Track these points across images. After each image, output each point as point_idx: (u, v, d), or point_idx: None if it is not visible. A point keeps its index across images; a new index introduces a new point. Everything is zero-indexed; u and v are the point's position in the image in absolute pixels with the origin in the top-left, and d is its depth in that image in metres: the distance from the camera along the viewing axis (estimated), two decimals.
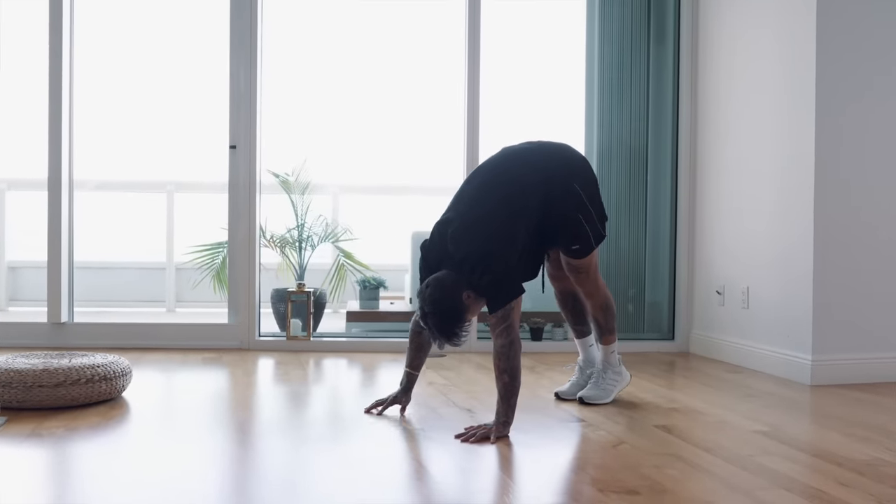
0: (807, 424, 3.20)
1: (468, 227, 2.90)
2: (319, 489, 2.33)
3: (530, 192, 3.01)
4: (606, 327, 3.41)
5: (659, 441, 2.84)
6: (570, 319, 3.53)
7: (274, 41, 5.13)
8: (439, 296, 2.80)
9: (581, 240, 3.16)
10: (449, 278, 2.84)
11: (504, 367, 2.90)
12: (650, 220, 5.19)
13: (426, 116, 5.60)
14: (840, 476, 2.45)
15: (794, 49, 4.07)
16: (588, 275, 3.29)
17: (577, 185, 3.12)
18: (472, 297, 2.85)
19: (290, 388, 3.84)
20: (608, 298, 3.39)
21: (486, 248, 2.85)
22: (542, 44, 5.46)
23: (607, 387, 3.44)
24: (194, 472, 2.48)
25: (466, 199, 3.00)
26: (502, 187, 2.99)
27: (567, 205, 3.09)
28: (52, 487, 2.38)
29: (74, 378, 3.22)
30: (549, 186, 3.06)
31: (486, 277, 2.83)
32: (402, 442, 2.85)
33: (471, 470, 2.55)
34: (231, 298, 4.90)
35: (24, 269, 7.06)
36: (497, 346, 2.92)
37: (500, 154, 3.19)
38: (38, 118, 4.79)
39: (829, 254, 3.94)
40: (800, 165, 4.01)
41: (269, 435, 2.93)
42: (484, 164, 3.18)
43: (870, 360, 3.99)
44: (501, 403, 2.91)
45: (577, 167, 3.21)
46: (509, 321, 2.90)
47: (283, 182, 5.37)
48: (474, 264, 2.83)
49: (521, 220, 2.96)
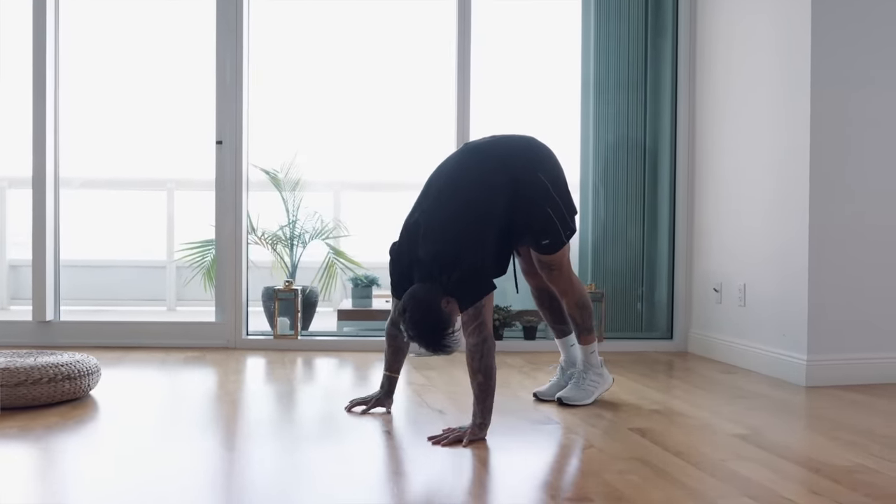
0: (791, 428, 3.06)
1: (436, 230, 2.80)
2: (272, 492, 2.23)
3: (497, 191, 2.89)
4: (584, 326, 3.28)
5: (630, 445, 2.71)
6: (548, 318, 3.41)
7: (264, 36, 5.05)
8: (419, 316, 2.71)
9: (550, 234, 3.04)
10: (422, 291, 2.75)
11: (477, 367, 2.79)
12: (648, 217, 5.05)
13: (418, 112, 5.47)
14: (814, 483, 2.32)
15: (791, 44, 3.92)
16: (561, 272, 3.17)
17: (543, 178, 3.00)
18: (451, 301, 2.75)
19: (265, 387, 3.76)
20: (583, 296, 3.26)
21: (454, 251, 2.76)
22: (536, 36, 5.33)
23: (588, 387, 3.31)
24: (145, 474, 2.39)
25: (432, 200, 2.89)
26: (468, 188, 2.87)
27: (534, 198, 2.97)
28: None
29: (36, 377, 3.15)
30: (516, 183, 2.93)
31: (455, 275, 2.73)
32: (363, 442, 2.74)
33: (424, 474, 2.44)
34: (218, 296, 4.82)
35: (25, 267, 7.03)
36: (469, 344, 2.81)
37: (464, 150, 3.07)
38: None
39: (826, 250, 3.79)
40: (796, 161, 3.86)
41: (227, 436, 2.84)
42: (448, 160, 3.05)
43: (867, 361, 3.83)
44: (476, 405, 2.80)
45: (543, 159, 3.07)
46: (481, 318, 2.79)
47: (272, 178, 5.28)
48: (443, 266, 2.74)
49: (490, 222, 2.85)
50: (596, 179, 5.08)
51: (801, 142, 3.82)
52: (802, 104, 3.81)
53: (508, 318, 4.79)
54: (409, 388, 3.59)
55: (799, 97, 3.84)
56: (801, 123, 3.82)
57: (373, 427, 2.93)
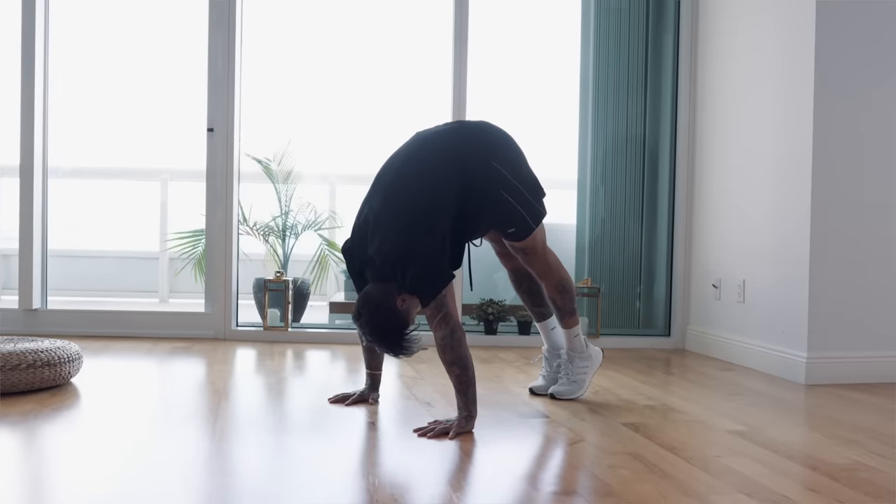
0: (789, 425, 2.97)
1: (384, 227, 2.68)
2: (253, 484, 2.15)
3: (447, 182, 2.74)
4: (565, 309, 3.14)
5: (621, 440, 2.62)
6: (526, 302, 3.29)
7: (258, 24, 4.96)
8: (376, 319, 2.64)
9: (515, 222, 2.89)
10: (375, 293, 2.66)
11: (451, 359, 2.70)
12: (647, 214, 4.97)
13: (414, 105, 5.38)
14: (811, 481, 2.23)
15: (793, 40, 3.83)
16: (536, 255, 3.03)
17: (497, 164, 2.83)
18: (406, 299, 2.66)
19: (252, 378, 3.67)
20: (563, 278, 3.11)
21: (404, 243, 2.63)
22: (534, 30, 5.24)
23: (578, 377, 3.21)
24: (121, 464, 2.31)
25: (380, 198, 2.75)
26: (416, 183, 2.73)
27: (489, 187, 2.81)
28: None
29: (14, 363, 3.07)
30: (467, 173, 2.77)
31: (410, 270, 2.62)
32: (349, 434, 2.66)
33: (405, 465, 2.35)
34: (208, 287, 4.74)
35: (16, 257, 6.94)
36: (438, 338, 2.71)
37: (413, 140, 2.90)
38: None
39: (827, 246, 3.70)
40: (798, 156, 3.78)
41: (209, 427, 2.76)
42: (398, 152, 2.89)
43: (868, 359, 3.74)
44: (459, 397, 2.71)
45: (497, 147, 2.89)
46: (444, 310, 2.69)
47: (265, 168, 5.20)
48: (395, 262, 2.62)
49: (439, 213, 2.70)
50: (594, 177, 5.00)
51: (804, 137, 3.73)
52: (805, 100, 3.72)
53: (503, 313, 4.70)
54: (399, 381, 3.51)
55: (802, 93, 3.75)
56: (804, 119, 3.73)
57: (359, 419, 2.85)
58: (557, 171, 5.34)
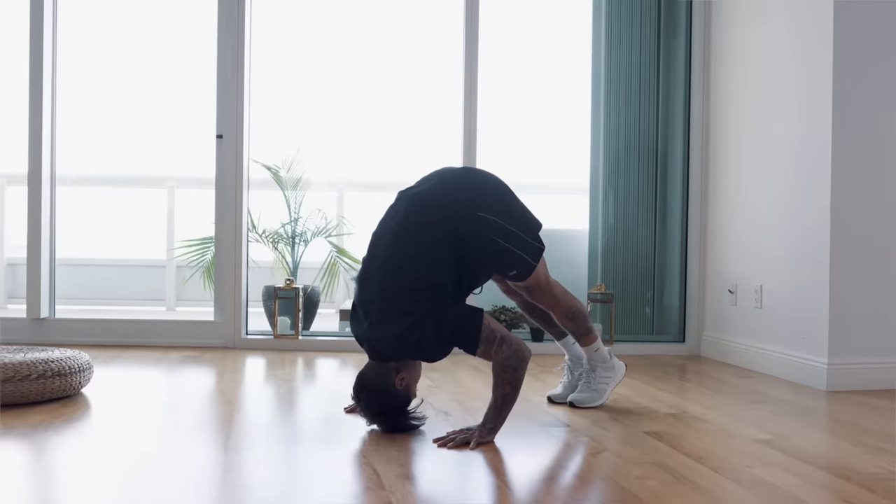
0: (816, 433, 2.91)
1: (387, 313, 2.64)
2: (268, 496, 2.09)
3: (443, 248, 2.66)
4: (580, 332, 3.10)
5: (646, 449, 2.56)
6: (542, 325, 3.25)
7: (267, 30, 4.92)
8: (377, 405, 2.69)
9: (515, 265, 2.83)
10: (372, 375, 2.71)
11: (510, 379, 2.65)
12: (660, 218, 4.92)
13: (425, 112, 5.33)
14: (845, 492, 2.17)
15: (810, 41, 3.78)
16: (541, 290, 2.98)
17: (486, 214, 2.74)
18: (404, 375, 2.70)
19: (263, 387, 3.62)
20: (571, 306, 3.05)
21: (418, 311, 2.59)
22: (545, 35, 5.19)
23: (599, 386, 3.16)
24: (132, 473, 2.25)
25: (379, 274, 2.67)
26: (411, 252, 2.66)
27: (483, 236, 2.73)
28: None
29: (24, 374, 3.01)
30: (458, 228, 2.68)
31: (444, 334, 2.59)
32: (364, 445, 2.60)
33: (425, 475, 2.29)
34: (217, 295, 4.69)
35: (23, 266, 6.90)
36: (501, 359, 2.64)
37: (399, 205, 2.80)
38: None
39: (847, 249, 3.64)
40: (816, 158, 3.72)
41: (220, 437, 2.70)
42: (384, 221, 2.80)
43: (891, 365, 3.67)
44: (494, 412, 2.66)
45: (482, 192, 2.81)
46: (497, 337, 2.64)
47: (275, 175, 5.15)
48: (420, 333, 2.58)
49: (439, 276, 2.65)
50: (606, 182, 4.94)
51: (822, 138, 3.68)
52: (824, 102, 3.67)
53: (515, 320, 4.65)
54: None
55: (820, 95, 3.70)
56: (823, 121, 3.68)
57: (375, 430, 2.79)
58: (569, 177, 5.29)
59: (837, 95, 3.62)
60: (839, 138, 3.63)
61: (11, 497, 2.06)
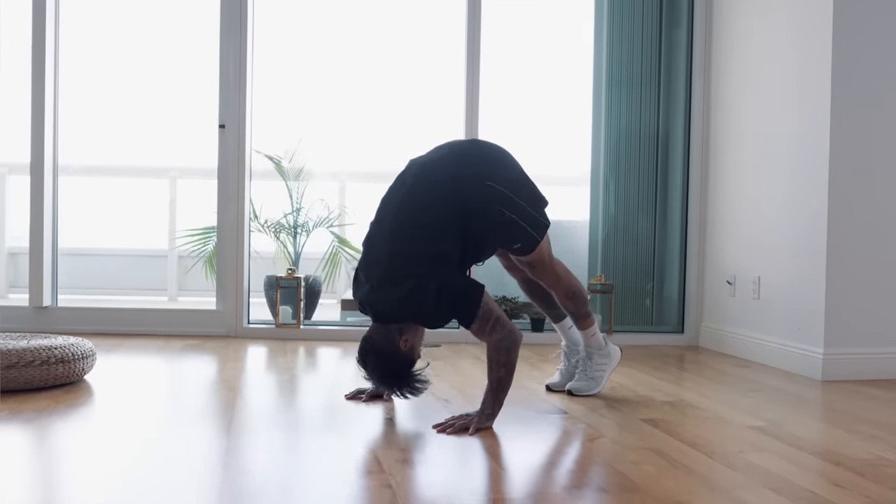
0: (810, 421, 2.94)
1: (391, 274, 2.66)
2: (269, 483, 2.13)
3: (450, 216, 2.69)
4: (578, 314, 3.14)
5: (642, 435, 2.60)
6: (540, 306, 3.27)
7: (270, 21, 4.94)
8: (384, 366, 2.72)
9: (520, 238, 2.86)
10: (377, 337, 2.72)
11: (504, 361, 2.70)
12: (660, 210, 4.95)
13: (427, 101, 5.34)
14: (836, 476, 2.20)
15: (810, 33, 3.81)
16: (543, 267, 3.00)
17: (494, 184, 2.77)
18: (409, 335, 2.72)
19: (264, 375, 3.65)
20: (572, 286, 3.09)
21: (421, 275, 2.62)
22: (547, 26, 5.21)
23: (596, 374, 3.20)
24: (135, 460, 2.29)
25: (388, 241, 2.70)
26: (419, 225, 2.68)
27: (490, 207, 2.76)
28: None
29: (28, 360, 3.05)
30: (465, 197, 2.71)
31: (444, 303, 2.62)
32: (365, 431, 2.64)
33: (424, 460, 2.33)
34: (219, 284, 4.72)
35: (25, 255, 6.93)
36: (494, 341, 2.69)
37: (408, 173, 2.84)
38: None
39: (844, 241, 3.68)
40: (814, 150, 3.75)
41: (221, 424, 2.74)
42: (393, 188, 2.83)
43: (886, 355, 3.71)
44: (490, 396, 2.70)
45: (491, 162, 2.85)
46: (492, 317, 2.68)
47: (277, 166, 5.18)
48: (421, 297, 2.61)
49: (445, 245, 2.68)
50: (606, 173, 4.97)
51: (821, 131, 3.70)
52: (823, 94, 3.70)
53: (516, 310, 4.68)
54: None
55: (819, 87, 3.72)
56: (821, 113, 3.70)
57: (376, 416, 2.83)
58: (570, 168, 5.31)
59: (836, 89, 3.65)
60: (837, 132, 3.66)
61: (20, 481, 2.10)
